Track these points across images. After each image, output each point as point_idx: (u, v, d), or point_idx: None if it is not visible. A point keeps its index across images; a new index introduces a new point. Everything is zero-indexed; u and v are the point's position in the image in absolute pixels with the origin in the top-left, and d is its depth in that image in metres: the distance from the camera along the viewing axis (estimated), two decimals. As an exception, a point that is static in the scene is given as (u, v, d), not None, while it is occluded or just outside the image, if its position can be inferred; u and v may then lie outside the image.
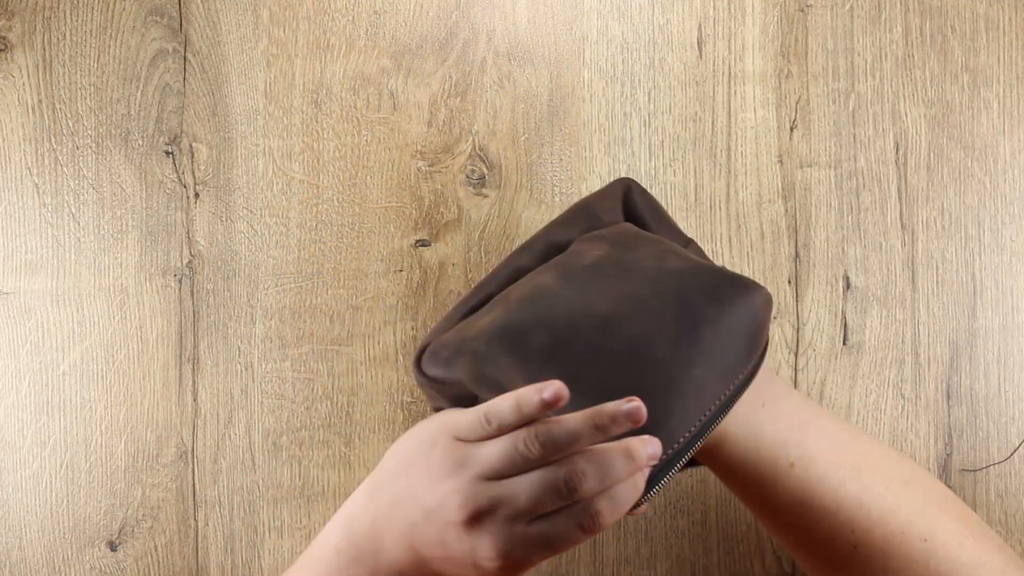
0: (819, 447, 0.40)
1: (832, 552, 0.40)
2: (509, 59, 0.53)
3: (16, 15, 0.53)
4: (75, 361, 0.53)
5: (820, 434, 0.41)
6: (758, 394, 0.41)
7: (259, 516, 0.52)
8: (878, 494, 0.39)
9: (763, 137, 0.53)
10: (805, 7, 0.53)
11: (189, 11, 0.53)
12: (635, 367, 0.37)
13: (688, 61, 0.53)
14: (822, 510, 0.40)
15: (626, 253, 0.40)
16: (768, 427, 0.41)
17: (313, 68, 0.53)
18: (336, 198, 0.53)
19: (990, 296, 0.52)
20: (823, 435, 0.41)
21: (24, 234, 0.53)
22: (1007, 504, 0.51)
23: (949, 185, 0.52)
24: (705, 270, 0.39)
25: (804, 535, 0.41)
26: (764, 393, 0.41)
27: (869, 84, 0.53)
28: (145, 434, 0.52)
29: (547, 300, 0.38)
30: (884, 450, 0.42)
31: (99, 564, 0.52)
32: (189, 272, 0.53)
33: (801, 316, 0.52)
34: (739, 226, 0.52)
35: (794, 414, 0.41)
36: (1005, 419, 0.51)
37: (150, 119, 0.53)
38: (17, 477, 0.52)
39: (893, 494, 0.39)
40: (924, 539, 0.38)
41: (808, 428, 0.41)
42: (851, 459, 0.40)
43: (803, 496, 0.40)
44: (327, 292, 0.53)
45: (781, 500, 0.41)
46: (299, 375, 0.52)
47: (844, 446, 0.41)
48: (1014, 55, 0.53)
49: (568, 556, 0.51)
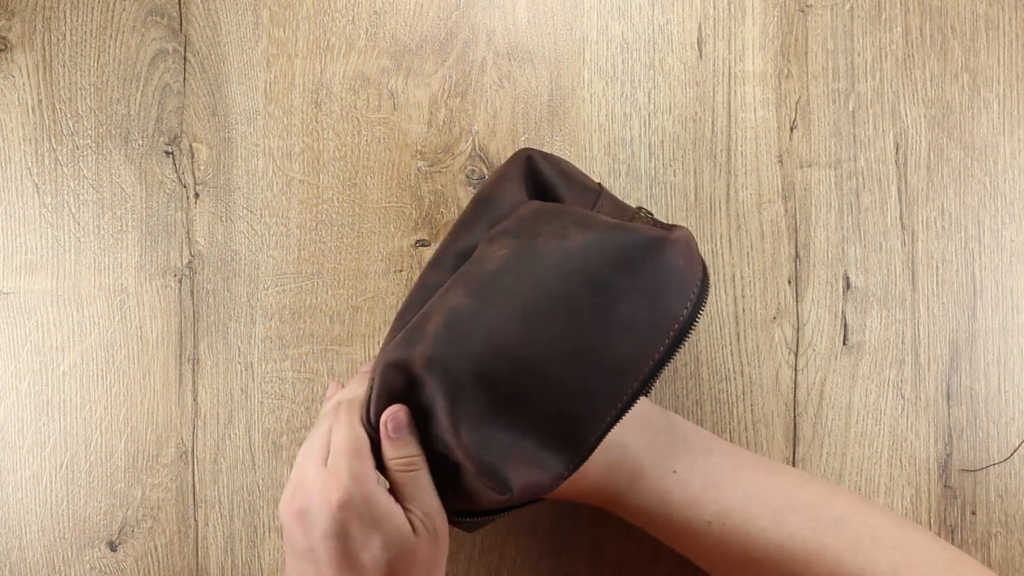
0: (737, 501, 0.41)
1: None
2: (509, 59, 0.53)
3: (16, 15, 0.53)
4: (75, 361, 0.53)
5: (738, 488, 0.42)
6: (671, 460, 0.42)
7: (259, 516, 0.52)
8: (803, 537, 0.40)
9: (763, 137, 0.53)
10: (805, 7, 0.53)
11: (189, 11, 0.53)
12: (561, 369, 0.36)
13: (688, 61, 0.53)
14: (747, 559, 0.41)
15: (530, 241, 0.38)
16: (676, 492, 0.42)
17: (313, 68, 0.53)
18: (336, 198, 0.53)
19: (990, 296, 0.52)
20: (742, 488, 0.42)
21: (24, 234, 0.53)
22: (1007, 504, 0.51)
23: (949, 185, 0.52)
24: (610, 238, 0.37)
25: None
26: (678, 460, 0.42)
27: (869, 84, 0.53)
28: (145, 434, 0.52)
29: (463, 327, 0.37)
30: (815, 490, 0.42)
31: (99, 564, 0.52)
32: (189, 272, 0.53)
33: (801, 316, 0.52)
34: (739, 226, 0.52)
35: (708, 474, 0.42)
36: (1005, 419, 0.51)
37: (150, 119, 0.53)
38: (17, 477, 0.52)
39: (820, 535, 0.40)
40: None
41: (725, 484, 0.42)
42: (774, 507, 0.41)
43: (726, 550, 0.41)
44: (327, 292, 0.53)
45: (706, 554, 0.43)
46: (299, 375, 0.52)
47: (767, 495, 0.41)
48: (1014, 55, 0.53)
49: (568, 556, 0.51)
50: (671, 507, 0.42)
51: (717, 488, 0.42)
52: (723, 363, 0.52)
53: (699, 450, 0.43)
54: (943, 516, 0.51)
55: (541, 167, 0.44)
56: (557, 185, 0.43)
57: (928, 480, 0.51)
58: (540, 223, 0.39)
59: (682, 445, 0.43)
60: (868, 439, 0.51)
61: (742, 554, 0.41)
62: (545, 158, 0.44)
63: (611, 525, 0.51)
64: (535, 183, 0.44)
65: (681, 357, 0.52)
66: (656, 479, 0.42)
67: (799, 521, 0.41)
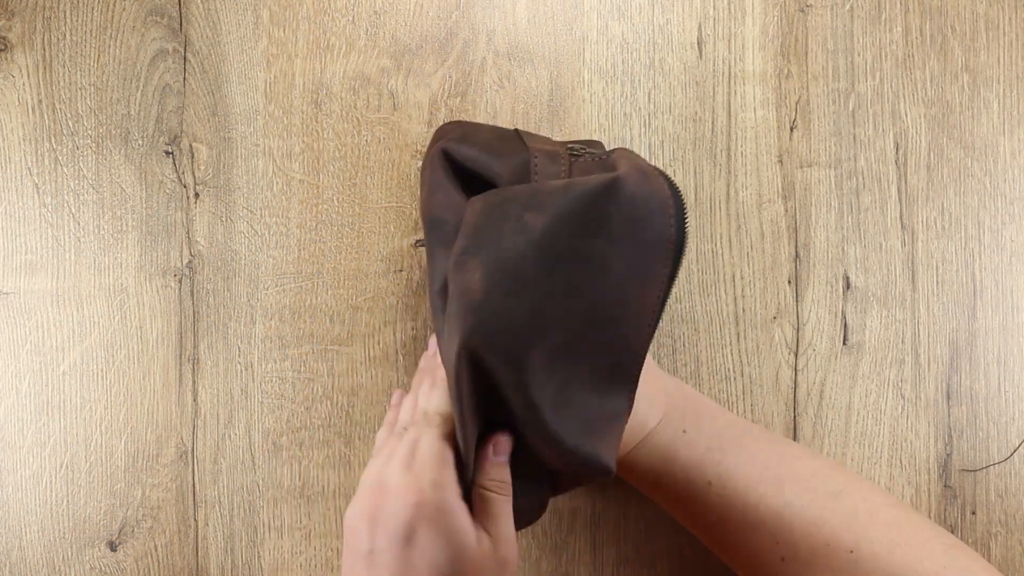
0: (739, 466, 0.42)
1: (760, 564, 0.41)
2: (509, 59, 0.53)
3: (16, 15, 0.53)
4: (75, 361, 0.53)
5: (742, 453, 0.42)
6: (681, 420, 0.43)
7: (259, 516, 0.52)
8: (801, 507, 0.40)
9: (763, 137, 0.53)
10: (805, 7, 0.53)
11: (189, 11, 0.53)
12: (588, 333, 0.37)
13: (688, 61, 0.53)
14: (745, 524, 0.41)
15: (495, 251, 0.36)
16: (683, 451, 0.42)
17: (313, 68, 0.53)
18: (336, 198, 0.53)
19: (990, 296, 0.52)
20: (746, 454, 0.42)
21: (24, 234, 0.53)
22: (1007, 504, 0.51)
23: (949, 185, 0.52)
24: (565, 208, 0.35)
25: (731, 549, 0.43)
26: (687, 420, 0.43)
27: (869, 84, 0.53)
28: (145, 434, 0.52)
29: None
30: (816, 464, 0.43)
31: (99, 564, 0.52)
32: (189, 272, 0.53)
33: (801, 316, 0.52)
34: (739, 226, 0.52)
35: (715, 436, 0.43)
36: (1005, 419, 0.51)
37: (150, 119, 0.53)
38: (17, 477, 0.52)
39: (818, 507, 0.40)
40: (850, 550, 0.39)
41: (729, 448, 0.42)
42: (774, 475, 0.41)
43: (723, 513, 0.42)
44: (327, 292, 0.53)
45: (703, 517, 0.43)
46: (299, 375, 0.52)
47: (768, 463, 0.42)
48: (1014, 55, 0.53)
49: (568, 556, 0.51)
50: (676, 465, 0.42)
51: (722, 451, 0.42)
52: (723, 363, 0.52)
53: (707, 415, 0.44)
54: (943, 516, 0.51)
55: (462, 155, 0.41)
56: (485, 166, 0.41)
57: (928, 480, 0.51)
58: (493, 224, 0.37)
59: (692, 407, 0.44)
60: (868, 439, 0.51)
61: (739, 518, 0.41)
62: (462, 141, 0.41)
63: (611, 525, 0.51)
64: (463, 175, 0.41)
65: (681, 357, 0.52)
66: (667, 437, 0.42)
67: (798, 491, 0.41)
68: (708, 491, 0.42)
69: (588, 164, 0.40)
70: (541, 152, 0.41)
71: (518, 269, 0.35)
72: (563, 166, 0.40)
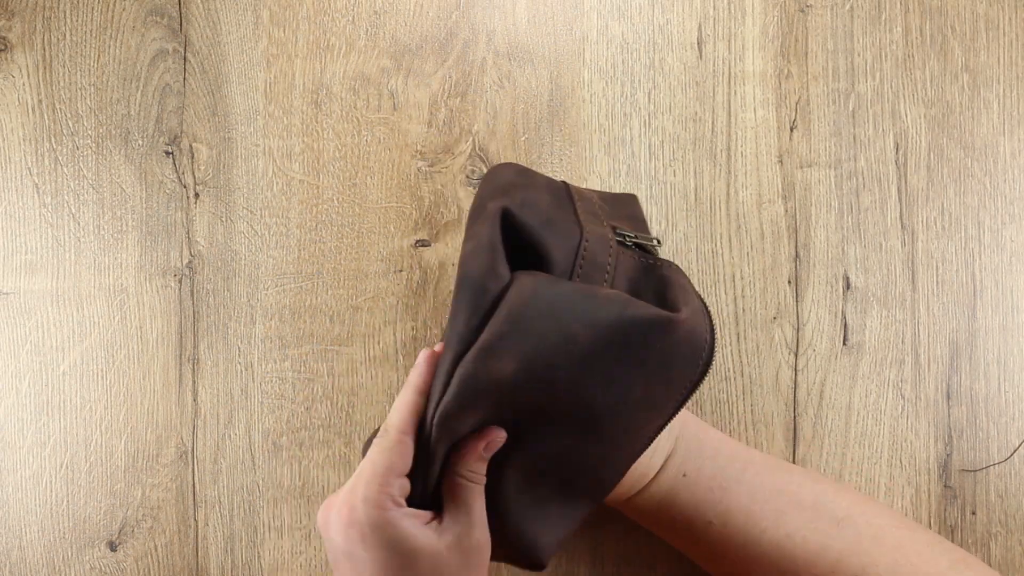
0: (740, 503, 0.42)
1: None
2: (509, 59, 0.53)
3: (16, 15, 0.53)
4: (75, 361, 0.53)
5: (742, 490, 0.42)
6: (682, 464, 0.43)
7: (259, 516, 0.52)
8: (803, 539, 0.40)
9: (763, 137, 0.53)
10: (805, 7, 0.53)
11: (189, 11, 0.53)
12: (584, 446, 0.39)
13: (688, 61, 0.53)
14: (747, 559, 0.41)
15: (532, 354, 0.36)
16: (683, 495, 0.43)
17: (313, 68, 0.53)
18: (336, 198, 0.53)
19: (990, 296, 0.52)
20: (745, 490, 0.42)
21: (24, 234, 0.53)
22: (1007, 504, 0.51)
23: (949, 185, 0.52)
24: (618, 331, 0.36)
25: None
26: (688, 463, 0.43)
27: (869, 84, 0.53)
28: (145, 434, 0.52)
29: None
30: (820, 489, 0.43)
31: (99, 564, 0.52)
32: (189, 272, 0.53)
33: (801, 316, 0.52)
34: (739, 226, 0.52)
35: (716, 475, 0.43)
36: (1005, 419, 0.51)
37: (150, 119, 0.53)
38: (17, 477, 0.52)
39: (821, 536, 0.40)
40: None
41: (730, 486, 0.42)
42: (775, 508, 0.41)
43: (725, 549, 0.42)
44: (327, 292, 0.53)
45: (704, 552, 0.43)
46: (299, 375, 0.52)
47: (769, 497, 0.42)
48: (1014, 55, 0.53)
49: (568, 556, 0.51)
50: (676, 509, 0.43)
51: (723, 490, 0.42)
52: (723, 363, 0.52)
53: (708, 453, 0.44)
54: (943, 516, 0.51)
55: (520, 223, 0.39)
56: (540, 242, 0.40)
57: (928, 480, 0.51)
58: (539, 321, 0.36)
59: (694, 447, 0.44)
60: (868, 439, 0.51)
61: (741, 553, 0.41)
62: (523, 206, 0.40)
63: (611, 525, 0.51)
64: (516, 241, 0.40)
65: (681, 357, 0.52)
66: (667, 482, 0.43)
67: (799, 522, 0.41)
68: (708, 529, 0.42)
69: (633, 265, 0.41)
70: (593, 236, 0.41)
71: (552, 378, 0.36)
72: (610, 257, 0.41)
